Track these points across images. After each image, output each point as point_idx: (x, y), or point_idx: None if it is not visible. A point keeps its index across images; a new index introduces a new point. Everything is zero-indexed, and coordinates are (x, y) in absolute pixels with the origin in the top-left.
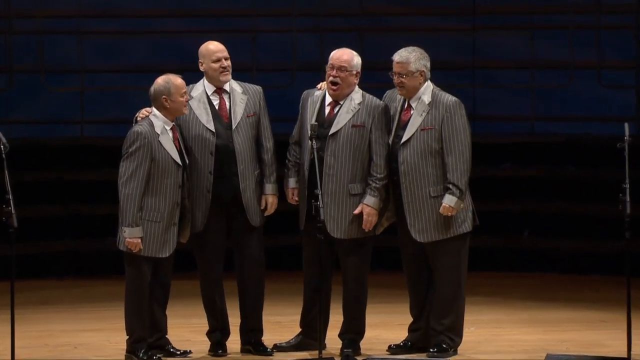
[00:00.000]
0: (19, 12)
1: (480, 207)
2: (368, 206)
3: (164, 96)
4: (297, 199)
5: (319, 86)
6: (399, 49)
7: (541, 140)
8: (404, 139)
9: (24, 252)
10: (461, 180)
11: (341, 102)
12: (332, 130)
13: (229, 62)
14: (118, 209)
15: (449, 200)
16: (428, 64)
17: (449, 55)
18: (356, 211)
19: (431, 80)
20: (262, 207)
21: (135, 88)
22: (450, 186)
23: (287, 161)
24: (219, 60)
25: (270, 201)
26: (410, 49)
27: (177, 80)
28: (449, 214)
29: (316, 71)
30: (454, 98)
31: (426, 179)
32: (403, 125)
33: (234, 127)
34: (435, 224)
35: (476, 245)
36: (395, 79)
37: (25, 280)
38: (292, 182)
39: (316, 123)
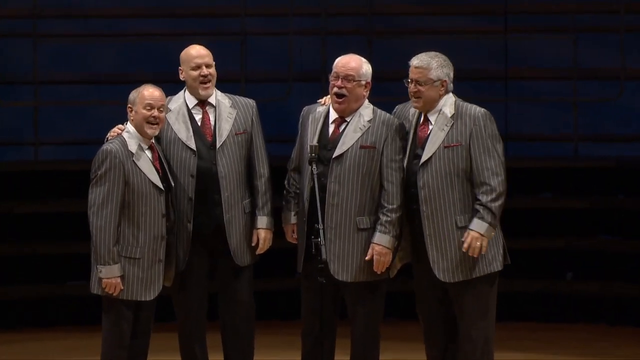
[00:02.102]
0: None
1: (513, 243)
2: (379, 245)
3: (129, 105)
4: (297, 236)
5: (321, 100)
6: (415, 55)
7: (586, 164)
8: (424, 158)
9: None
10: (494, 203)
11: (348, 119)
12: (337, 152)
13: (211, 71)
14: (90, 245)
15: (477, 226)
16: (451, 74)
17: (475, 63)
18: (367, 257)
19: (453, 93)
20: (253, 244)
21: (102, 102)
22: (481, 209)
23: (285, 192)
24: (198, 67)
25: (263, 237)
26: (432, 53)
27: (147, 90)
28: (478, 243)
29: (317, 81)
30: (482, 109)
31: (452, 206)
32: (421, 143)
33: (218, 145)
34: (464, 260)
35: (507, 289)
36: (411, 87)
37: None
38: (291, 217)
39: (317, 144)
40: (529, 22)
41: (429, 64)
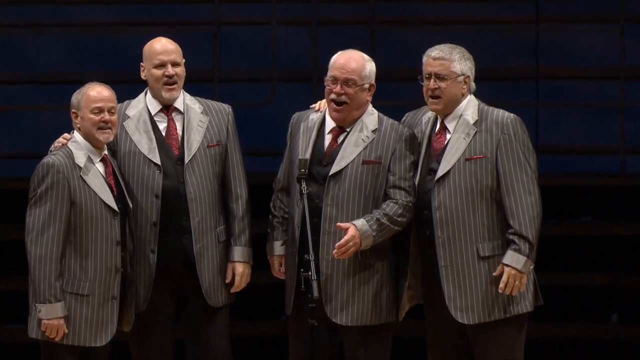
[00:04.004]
0: None
1: (546, 279)
2: (353, 227)
3: (73, 110)
4: (284, 270)
5: (315, 106)
6: (426, 50)
7: (635, 182)
8: (440, 172)
9: None
10: (530, 230)
11: (348, 129)
12: (334, 168)
13: (178, 70)
14: (28, 279)
15: (513, 260)
16: (474, 70)
17: (500, 60)
18: (343, 239)
19: (475, 95)
20: (227, 280)
21: (44, 108)
22: (516, 239)
23: (270, 217)
24: (162, 65)
25: (240, 271)
26: (451, 45)
27: (93, 89)
28: (515, 281)
29: (307, 81)
30: (511, 114)
31: (473, 231)
32: (437, 155)
33: (186, 160)
34: (487, 297)
35: (539, 334)
36: (430, 84)
37: None
38: (278, 247)
39: (307, 158)
40: (565, 10)
41: (451, 54)
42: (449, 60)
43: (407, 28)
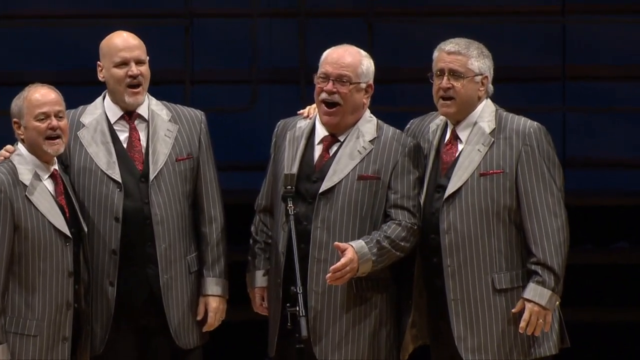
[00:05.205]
0: None
1: (574, 315)
2: (352, 249)
3: (14, 119)
4: (267, 305)
5: (303, 112)
6: (434, 46)
7: None
8: (450, 190)
9: None
10: (556, 259)
11: (341, 138)
12: (326, 185)
13: (143, 70)
14: None
15: (536, 294)
16: (492, 69)
17: (520, 58)
18: (340, 262)
19: (492, 100)
20: (199, 318)
21: None
22: (539, 269)
23: (251, 242)
24: (124, 63)
25: (214, 307)
26: (467, 39)
27: (36, 92)
28: (538, 319)
29: (294, 83)
30: (534, 123)
31: (488, 259)
32: (446, 169)
33: (151, 177)
34: (503, 337)
35: None
36: (442, 83)
37: None
38: (259, 278)
39: (294, 173)
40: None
41: (468, 50)
42: (465, 55)
43: (412, 20)
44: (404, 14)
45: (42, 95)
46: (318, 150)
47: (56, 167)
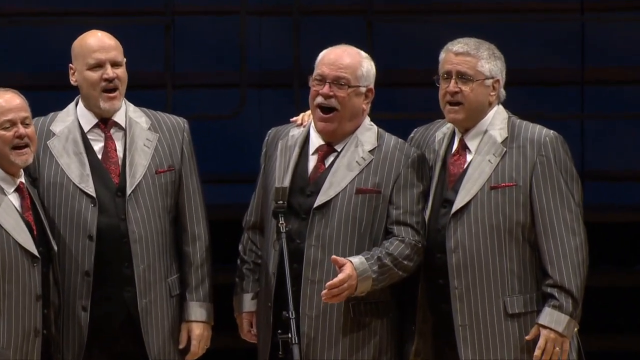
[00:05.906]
0: None
1: (593, 342)
2: (351, 264)
3: None
4: (256, 331)
5: (297, 119)
6: (440, 47)
7: None
8: (458, 205)
9: None
10: (574, 281)
11: (338, 148)
12: (321, 199)
13: (120, 72)
14: None
15: (552, 320)
16: (504, 73)
17: (533, 60)
18: (337, 277)
19: (504, 106)
20: (181, 346)
21: None
22: (555, 292)
23: (239, 262)
24: (99, 65)
25: (198, 334)
26: (477, 39)
27: (1, 97)
28: (554, 347)
29: (286, 87)
30: (550, 131)
31: (499, 280)
32: (454, 182)
33: (128, 191)
34: None
35: None
36: (449, 86)
37: None
38: (247, 302)
39: (287, 186)
40: None
41: (478, 51)
42: (475, 57)
43: (416, 19)
44: (407, 12)
45: (6, 101)
46: (313, 161)
47: (23, 179)
